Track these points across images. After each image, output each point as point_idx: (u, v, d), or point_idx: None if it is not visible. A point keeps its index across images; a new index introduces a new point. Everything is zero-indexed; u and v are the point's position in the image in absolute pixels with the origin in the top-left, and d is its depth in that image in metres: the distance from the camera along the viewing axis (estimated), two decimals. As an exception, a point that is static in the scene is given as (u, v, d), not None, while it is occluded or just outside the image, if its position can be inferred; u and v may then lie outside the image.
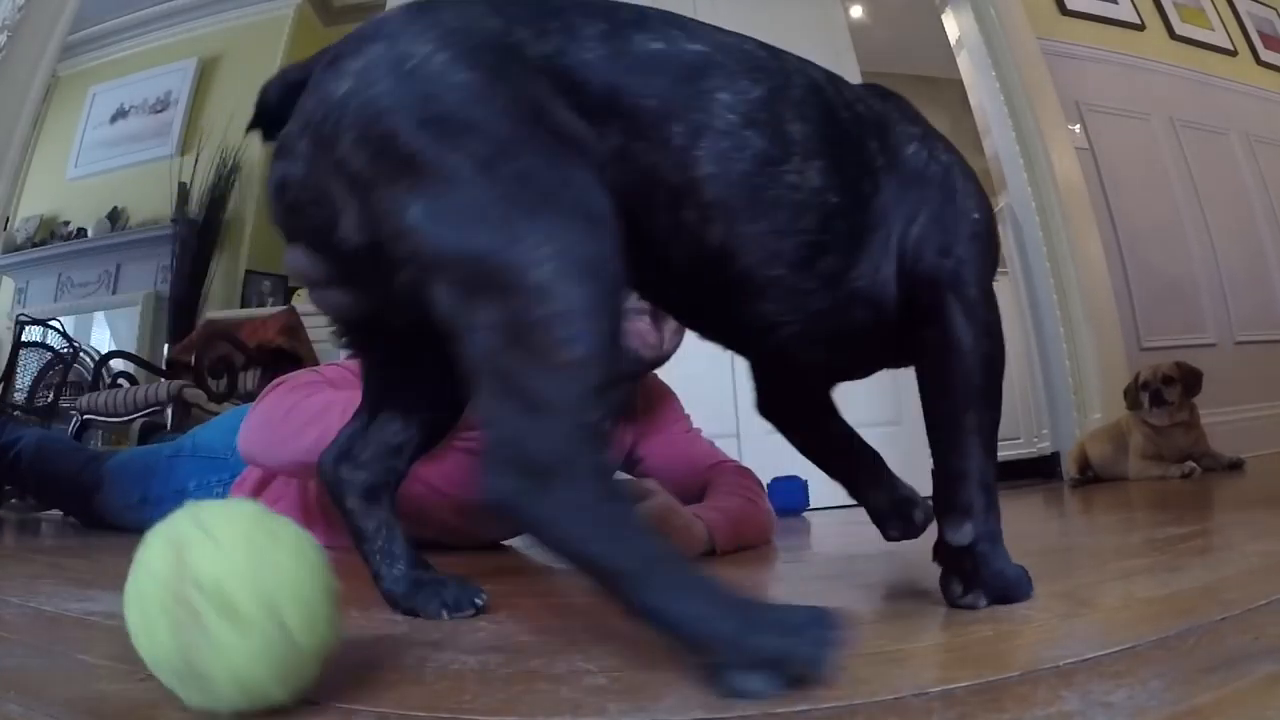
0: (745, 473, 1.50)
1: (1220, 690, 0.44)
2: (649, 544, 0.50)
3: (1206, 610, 0.64)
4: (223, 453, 1.69)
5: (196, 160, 4.49)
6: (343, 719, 0.44)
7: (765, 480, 1.51)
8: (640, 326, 1.31)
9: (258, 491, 1.57)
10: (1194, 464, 2.71)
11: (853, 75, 3.84)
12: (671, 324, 1.32)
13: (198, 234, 4.32)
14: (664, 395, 1.60)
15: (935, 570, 0.89)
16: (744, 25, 3.23)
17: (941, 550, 0.80)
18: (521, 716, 0.44)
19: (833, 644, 0.47)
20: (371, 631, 0.66)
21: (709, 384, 2.41)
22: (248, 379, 3.28)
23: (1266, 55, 4.86)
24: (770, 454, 3.07)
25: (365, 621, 0.70)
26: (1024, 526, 1.56)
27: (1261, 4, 5.05)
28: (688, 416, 1.63)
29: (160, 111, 4.89)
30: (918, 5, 4.74)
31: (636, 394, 1.51)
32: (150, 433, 2.55)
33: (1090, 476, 3.08)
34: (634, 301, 1.22)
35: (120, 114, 5.03)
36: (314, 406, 1.30)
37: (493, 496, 0.50)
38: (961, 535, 0.73)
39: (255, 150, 4.51)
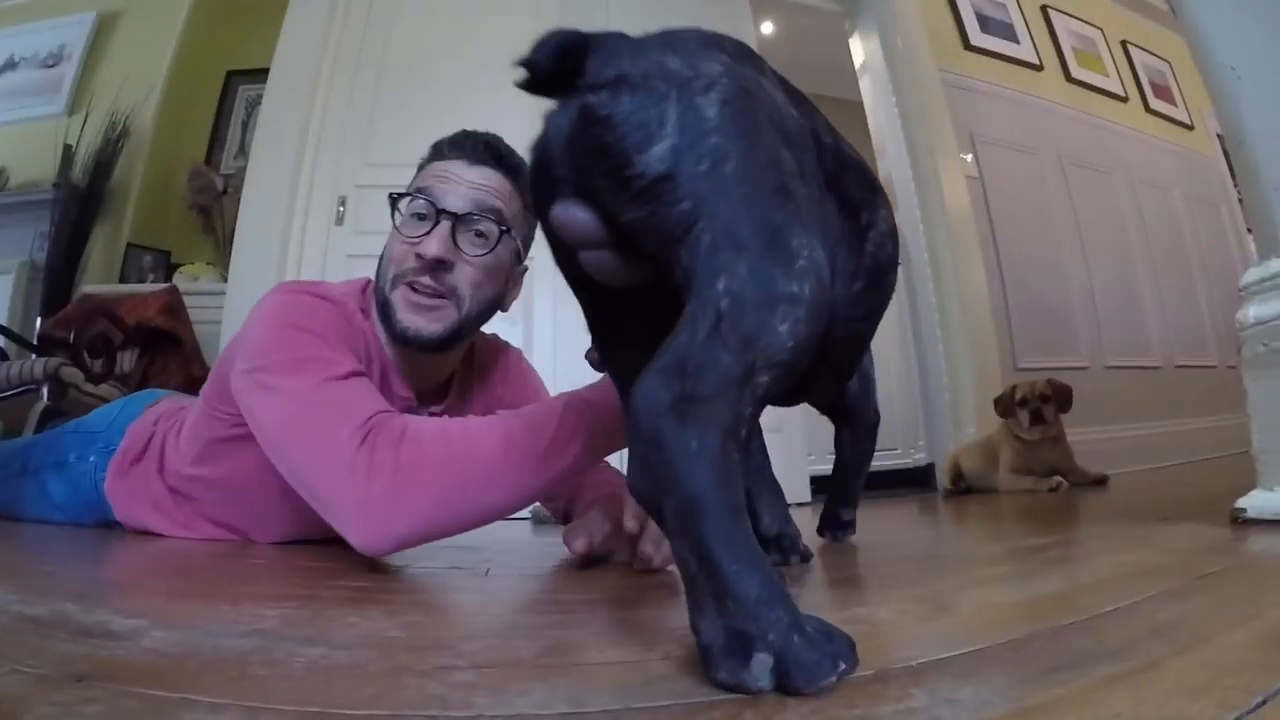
0: (610, 470, 1.51)
1: (1061, 689, 0.46)
2: (743, 511, 0.53)
3: (1056, 616, 0.67)
4: (103, 427, 1.64)
5: (85, 121, 4.27)
6: (211, 714, 0.43)
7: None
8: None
9: (128, 472, 1.53)
10: (1061, 478, 2.81)
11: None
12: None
13: (80, 201, 4.11)
14: (534, 383, 1.60)
15: (799, 572, 0.92)
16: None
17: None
18: (390, 710, 0.45)
19: (843, 670, 0.49)
20: (241, 626, 0.66)
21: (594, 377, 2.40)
22: (125, 359, 3.16)
23: (1155, 104, 5.11)
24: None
25: (235, 616, 0.70)
26: (897, 534, 1.61)
27: (1155, 56, 5.29)
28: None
29: (52, 66, 4.61)
30: (827, 27, 4.83)
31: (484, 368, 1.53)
32: (50, 419, 2.44)
33: (963, 488, 3.19)
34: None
35: (9, 65, 4.71)
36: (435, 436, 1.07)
37: (646, 398, 0.53)
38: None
39: (148, 116, 4.35)
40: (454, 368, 1.45)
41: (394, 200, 1.31)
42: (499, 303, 1.39)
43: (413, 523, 1.00)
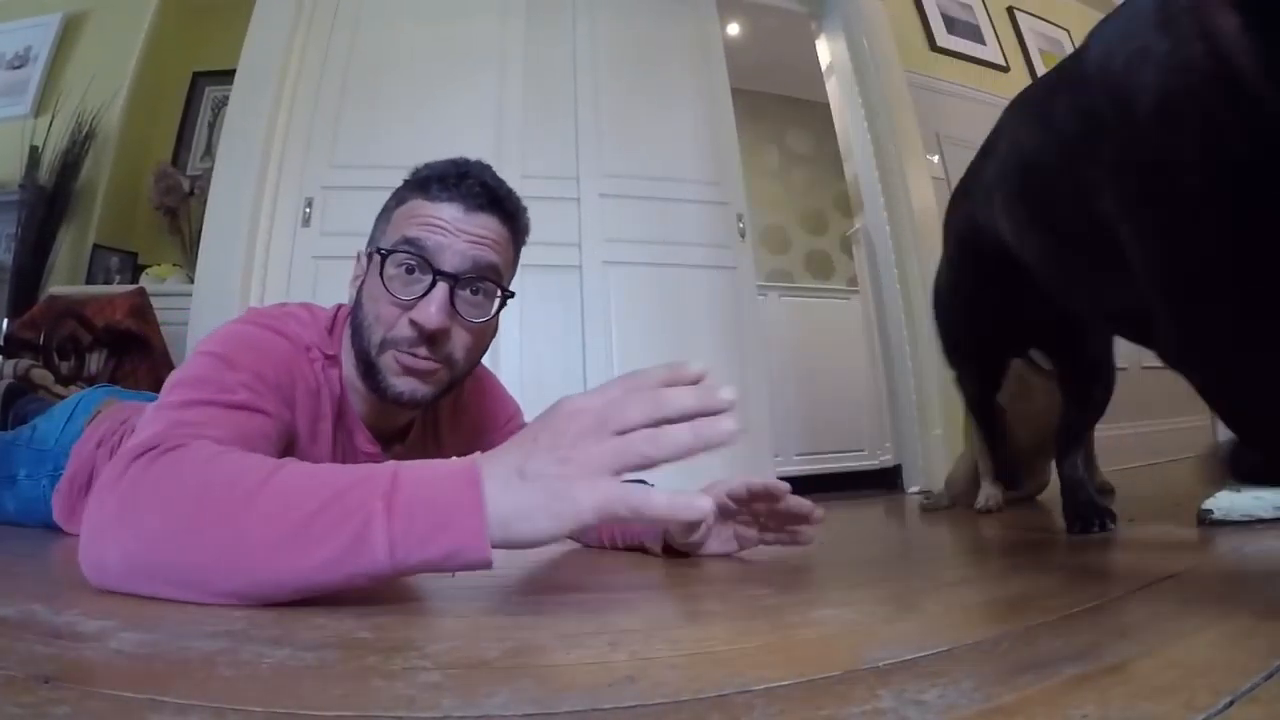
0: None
1: (1028, 690, 0.47)
2: None
3: (1023, 616, 0.68)
4: (52, 445, 1.63)
5: (51, 123, 4.22)
6: (179, 715, 0.43)
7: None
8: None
9: (75, 505, 1.51)
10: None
11: (723, 91, 3.92)
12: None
13: (46, 202, 4.07)
14: (494, 396, 1.53)
15: (768, 573, 0.92)
16: (622, 39, 3.28)
17: None
18: (357, 711, 0.45)
19: None
20: (209, 627, 0.65)
21: (560, 388, 2.41)
22: (94, 360, 3.13)
23: (1120, 105, 5.14)
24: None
25: (202, 617, 0.69)
26: (864, 535, 1.62)
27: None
28: (518, 408, 1.56)
29: (18, 68, 4.56)
30: (793, 29, 4.86)
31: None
32: (14, 397, 2.39)
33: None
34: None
35: (-26, 67, 4.70)
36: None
37: None
38: None
39: (114, 117, 4.31)
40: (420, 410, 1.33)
41: (384, 254, 1.14)
42: (486, 350, 1.29)
43: (112, 560, 0.78)
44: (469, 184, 1.18)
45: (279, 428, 1.03)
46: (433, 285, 1.12)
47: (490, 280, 1.18)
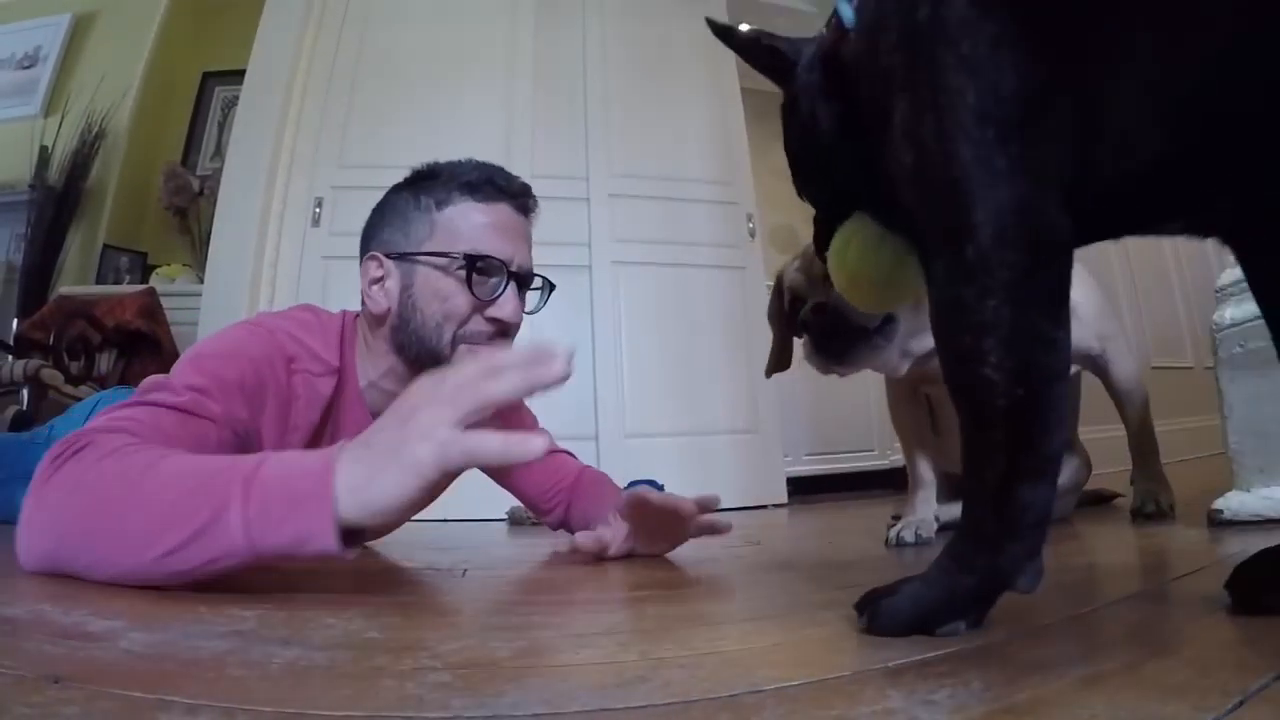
0: (605, 479, 1.52)
1: (1037, 690, 0.47)
2: None
3: (1032, 617, 0.68)
4: None
5: (61, 123, 4.24)
6: (188, 715, 0.43)
7: (622, 483, 1.52)
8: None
9: None
10: None
11: (733, 90, 3.91)
12: None
13: (56, 202, 4.08)
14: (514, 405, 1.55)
15: (778, 575, 0.92)
16: (631, 39, 3.27)
17: None
18: (366, 711, 0.45)
19: None
20: (219, 627, 0.65)
21: (569, 388, 2.42)
22: (104, 360, 3.14)
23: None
24: (627, 457, 3.11)
25: (212, 617, 0.70)
26: (875, 536, 1.61)
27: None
28: (535, 420, 1.60)
29: (28, 68, 4.58)
30: (803, 29, 4.82)
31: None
32: (21, 425, 2.41)
33: None
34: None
35: (-15, 67, 4.71)
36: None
37: None
38: None
39: (124, 117, 4.32)
40: None
41: (469, 260, 1.20)
42: None
43: (34, 547, 0.84)
44: (515, 185, 1.28)
45: (225, 432, 1.05)
46: (506, 284, 1.22)
47: (540, 276, 1.31)
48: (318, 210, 3.34)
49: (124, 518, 0.77)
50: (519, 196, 1.27)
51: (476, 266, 1.20)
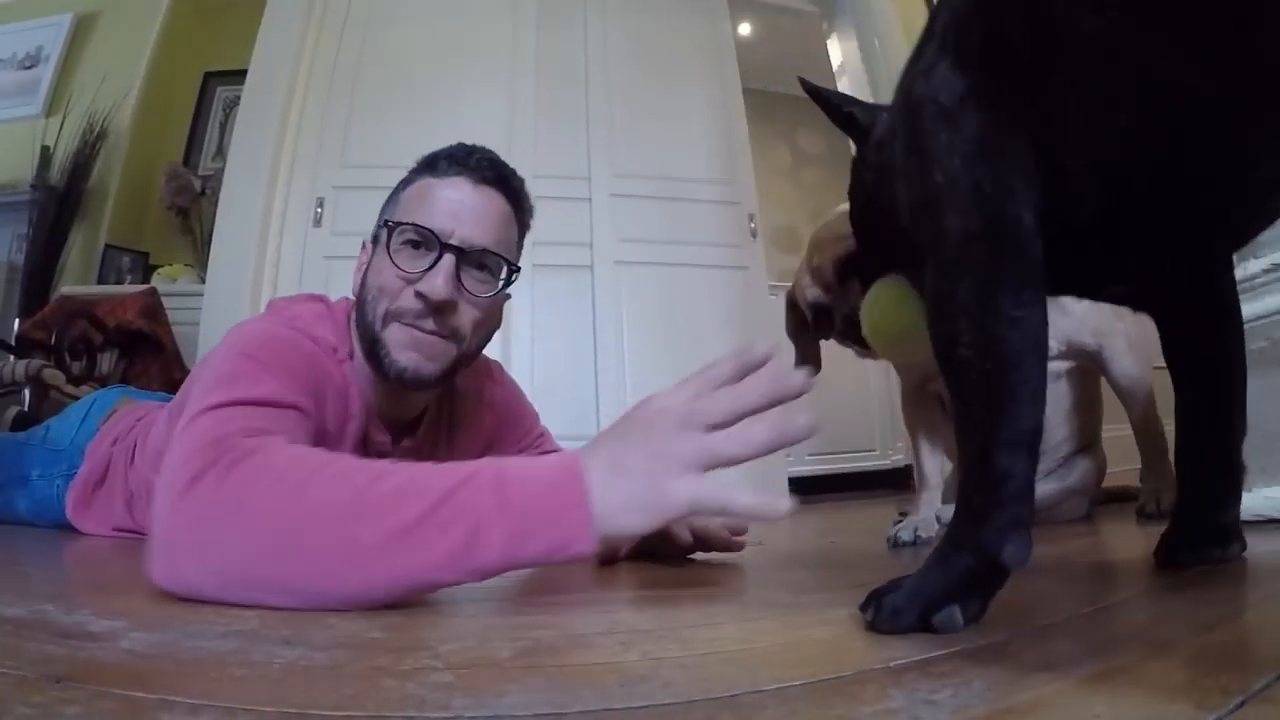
0: None
1: (1039, 690, 0.46)
2: None
3: (1035, 616, 0.68)
4: (66, 445, 1.64)
5: (63, 123, 4.25)
6: (190, 715, 0.43)
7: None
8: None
9: (90, 500, 1.53)
10: None
11: (735, 90, 3.92)
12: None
13: (58, 202, 4.08)
14: (518, 402, 1.55)
15: (780, 574, 0.92)
16: (633, 39, 3.28)
17: None
18: (368, 711, 0.45)
19: None
20: (220, 627, 0.65)
21: (571, 388, 2.43)
22: (105, 360, 3.14)
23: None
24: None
25: (214, 617, 0.70)
26: (877, 536, 1.61)
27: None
28: (537, 417, 1.59)
29: (29, 68, 4.58)
30: (804, 29, 4.86)
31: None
32: (23, 425, 2.42)
33: None
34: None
35: (-15, 67, 4.71)
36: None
37: None
38: None
39: (125, 117, 4.32)
40: (432, 397, 1.34)
41: (391, 227, 1.17)
42: (493, 334, 1.29)
43: (203, 578, 0.76)
44: (476, 159, 1.21)
45: (309, 424, 1.02)
46: (439, 258, 1.13)
47: (496, 255, 1.19)
48: (319, 210, 3.35)
49: (357, 537, 0.73)
50: (478, 169, 1.20)
51: (404, 237, 1.16)
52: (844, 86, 4.28)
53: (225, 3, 4.61)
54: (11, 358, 2.97)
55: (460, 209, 1.16)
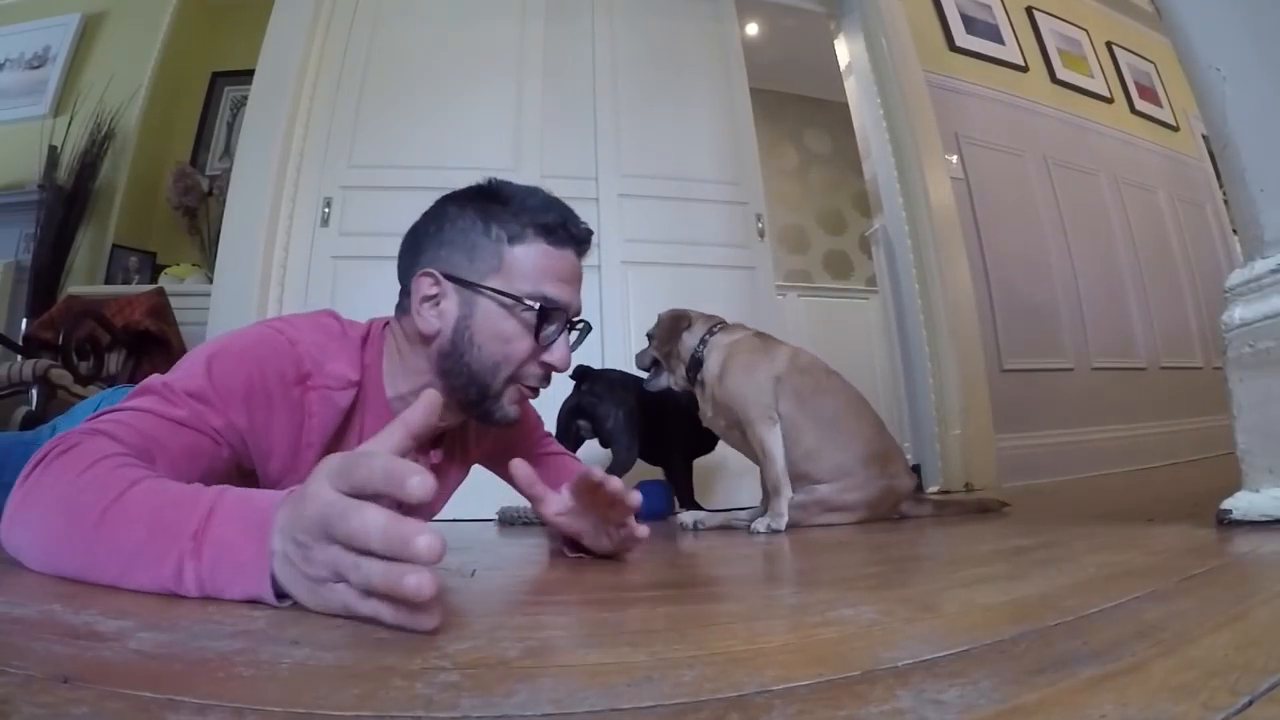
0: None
1: (1046, 690, 0.46)
2: None
3: (1042, 617, 0.67)
4: None
5: (70, 123, 4.26)
6: (198, 715, 0.43)
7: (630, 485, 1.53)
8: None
9: None
10: None
11: (742, 91, 3.92)
12: None
13: (65, 202, 4.10)
14: (528, 406, 1.57)
15: (787, 574, 0.92)
16: (640, 39, 3.29)
17: None
18: (375, 711, 0.44)
19: None
20: (227, 627, 0.65)
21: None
22: (113, 360, 3.14)
23: (1140, 105, 5.15)
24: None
25: (221, 617, 0.69)
26: (881, 535, 1.61)
27: (1140, 57, 5.33)
28: (540, 420, 1.64)
29: (37, 67, 4.59)
30: (811, 29, 4.85)
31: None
32: (31, 425, 2.42)
33: None
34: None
35: (-7, 67, 4.73)
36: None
37: None
38: None
39: (132, 117, 4.34)
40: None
41: (545, 312, 1.21)
42: None
43: (18, 549, 0.88)
44: (583, 231, 1.28)
45: (221, 444, 1.05)
46: (565, 332, 1.26)
47: (583, 320, 1.33)
48: (327, 210, 3.36)
49: (94, 548, 0.81)
50: (585, 243, 1.28)
51: (545, 314, 1.21)
52: (851, 87, 4.27)
53: (233, 3, 4.62)
54: (19, 357, 2.98)
55: (576, 284, 1.29)
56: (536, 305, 1.20)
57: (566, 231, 1.24)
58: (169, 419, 0.99)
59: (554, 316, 1.22)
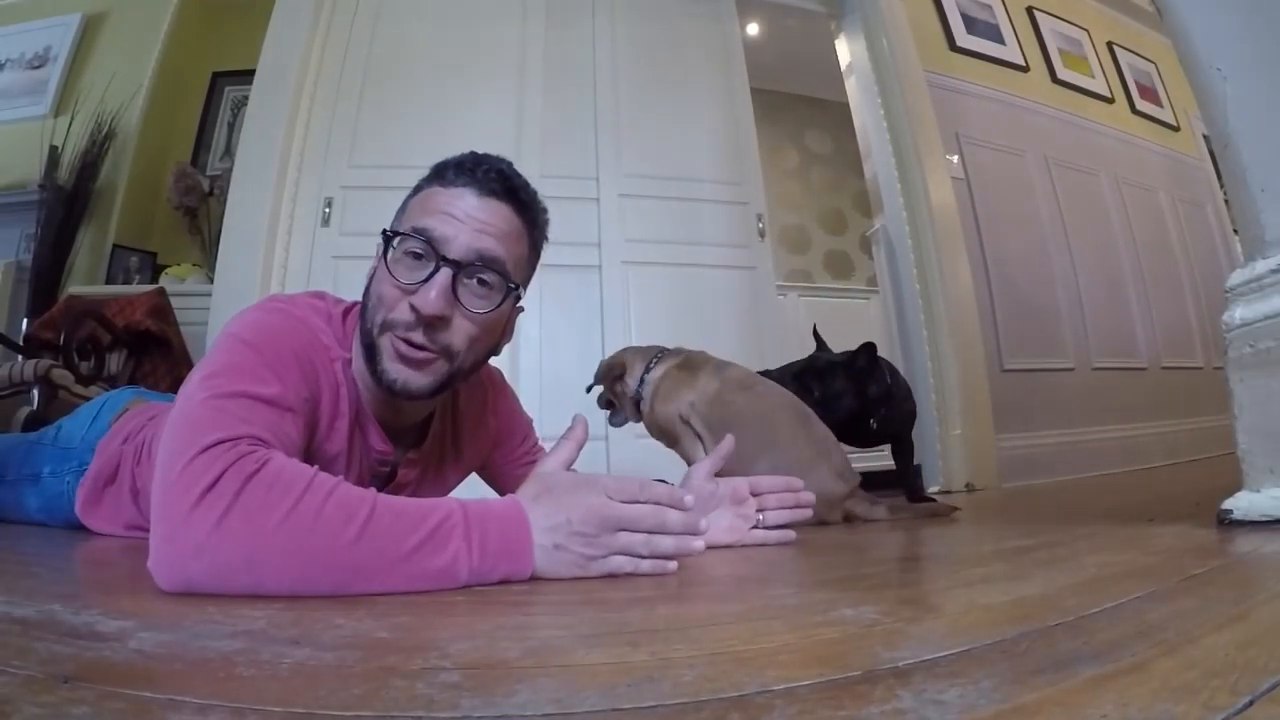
0: None
1: (1046, 690, 0.46)
2: None
3: (1043, 616, 0.67)
4: (77, 443, 1.64)
5: (71, 123, 4.26)
6: (198, 715, 0.43)
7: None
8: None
9: (100, 497, 1.54)
10: None
11: (743, 91, 3.92)
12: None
13: (66, 202, 4.10)
14: (518, 412, 1.60)
15: (788, 574, 0.92)
16: (641, 39, 3.28)
17: None
18: (376, 711, 0.44)
19: None
20: (228, 627, 0.65)
21: (579, 387, 2.43)
22: (114, 360, 3.14)
23: (1141, 105, 5.15)
24: (637, 457, 3.11)
25: (222, 617, 0.70)
26: (883, 535, 1.61)
27: (1141, 57, 5.33)
28: (530, 424, 1.63)
29: (38, 67, 4.59)
30: (812, 29, 4.86)
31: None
32: (33, 426, 2.43)
33: None
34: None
35: (-6, 67, 4.72)
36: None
37: None
38: None
39: (133, 117, 4.34)
40: (434, 406, 1.34)
41: (389, 238, 1.15)
42: (494, 352, 1.28)
43: (211, 574, 0.82)
44: (484, 170, 1.18)
45: (303, 423, 1.06)
46: (435, 271, 1.11)
47: (496, 271, 1.16)
48: (327, 210, 3.36)
49: (362, 564, 0.86)
50: (485, 180, 1.17)
51: (405, 247, 1.14)
52: (852, 87, 4.27)
53: (233, 3, 4.62)
54: (20, 358, 2.98)
55: (462, 223, 1.14)
56: (383, 235, 1.16)
57: (458, 170, 1.18)
58: (270, 401, 0.99)
59: (416, 249, 1.13)
